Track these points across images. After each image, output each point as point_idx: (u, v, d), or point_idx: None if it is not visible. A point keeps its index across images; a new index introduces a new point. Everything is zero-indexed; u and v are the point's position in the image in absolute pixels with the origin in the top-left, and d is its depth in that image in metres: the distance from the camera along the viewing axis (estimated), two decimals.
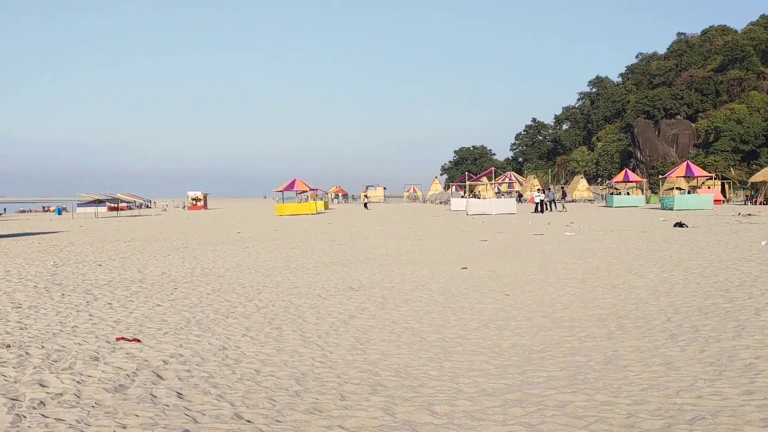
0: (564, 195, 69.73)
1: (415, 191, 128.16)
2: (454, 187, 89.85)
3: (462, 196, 70.39)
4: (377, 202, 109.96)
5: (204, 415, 5.87)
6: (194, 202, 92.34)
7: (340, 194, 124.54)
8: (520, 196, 72.01)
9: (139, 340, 8.97)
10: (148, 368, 7.53)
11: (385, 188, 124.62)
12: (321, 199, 75.60)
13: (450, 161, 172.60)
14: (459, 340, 9.09)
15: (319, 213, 61.89)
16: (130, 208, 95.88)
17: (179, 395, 6.49)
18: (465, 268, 16.74)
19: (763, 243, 20.20)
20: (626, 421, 5.53)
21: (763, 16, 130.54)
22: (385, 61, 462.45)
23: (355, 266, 17.70)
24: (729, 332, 8.72)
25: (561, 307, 11.21)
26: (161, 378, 7.14)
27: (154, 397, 6.42)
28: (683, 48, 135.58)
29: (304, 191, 66.17)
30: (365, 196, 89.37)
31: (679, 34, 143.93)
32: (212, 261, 19.79)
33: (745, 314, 9.79)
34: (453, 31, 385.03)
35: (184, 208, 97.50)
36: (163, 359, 7.96)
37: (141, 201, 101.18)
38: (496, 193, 77.26)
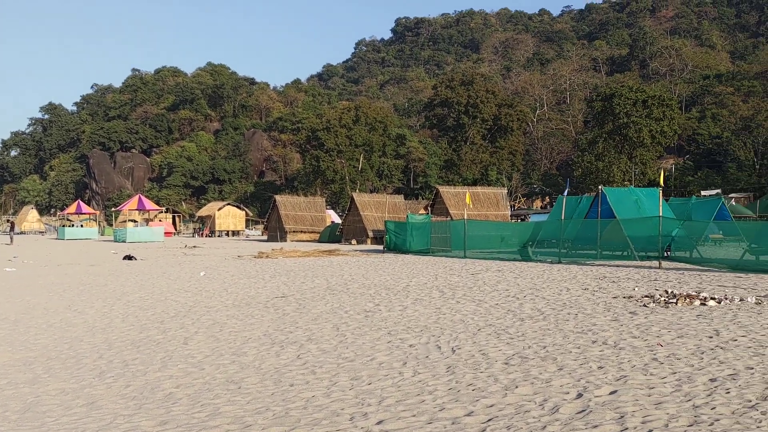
0: (12, 227, 64.39)
1: None
2: None
3: None
4: None
5: None
6: None
7: None
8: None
9: None
10: None
11: None
12: None
13: None
14: None
15: None
16: None
17: None
18: None
19: (201, 274, 21.77)
20: None
21: (209, 63, 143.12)
22: None
23: None
24: (157, 364, 9.03)
25: None
26: None
27: None
28: (138, 84, 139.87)
29: None
30: None
31: (134, 70, 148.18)
32: None
33: (174, 344, 10.30)
34: None
35: None
36: None
37: None
38: None
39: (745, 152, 75.17)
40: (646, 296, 13.20)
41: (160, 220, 69.65)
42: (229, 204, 73.25)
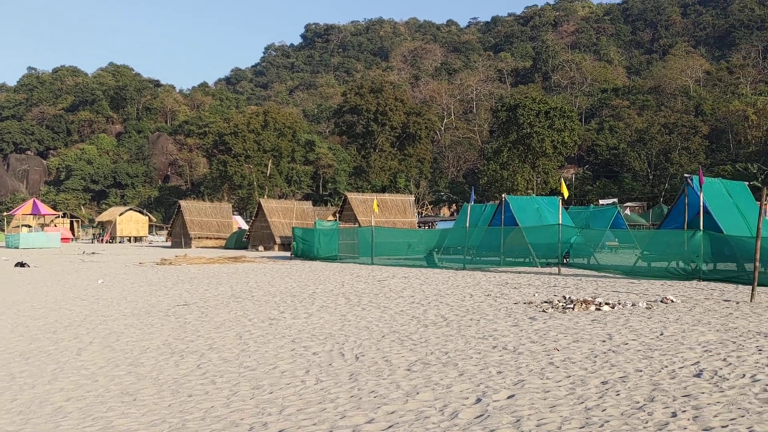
0: None
1: None
2: None
3: None
4: None
5: None
6: None
7: None
8: None
9: None
10: None
11: None
12: None
13: None
14: None
15: None
16: None
17: None
18: None
19: (99, 281, 20.96)
20: None
21: (111, 64, 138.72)
22: None
23: None
24: (47, 376, 8.62)
25: None
26: None
27: None
28: (34, 83, 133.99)
29: None
30: None
31: (29, 68, 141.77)
32: None
33: (66, 355, 9.86)
34: None
35: None
36: None
37: None
38: None
39: (640, 163, 78.89)
40: (546, 302, 13.60)
41: (56, 225, 66.72)
42: (131, 209, 71.02)
